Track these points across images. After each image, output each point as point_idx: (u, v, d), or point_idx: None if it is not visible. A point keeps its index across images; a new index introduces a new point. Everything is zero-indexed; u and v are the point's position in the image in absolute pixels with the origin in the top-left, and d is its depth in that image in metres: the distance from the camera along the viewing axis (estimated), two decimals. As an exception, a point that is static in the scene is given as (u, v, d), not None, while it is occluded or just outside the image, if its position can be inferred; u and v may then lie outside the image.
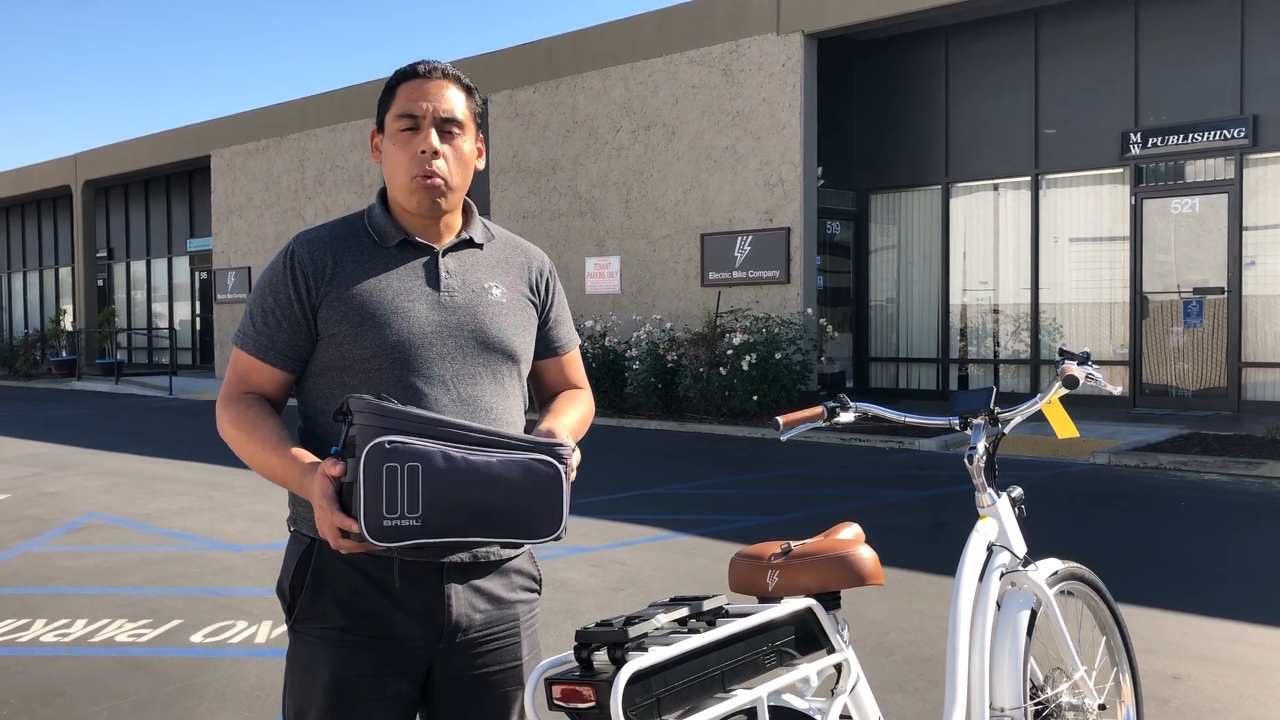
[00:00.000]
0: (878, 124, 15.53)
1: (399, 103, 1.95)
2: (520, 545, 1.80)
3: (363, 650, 1.88)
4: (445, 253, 2.00)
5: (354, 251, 1.96)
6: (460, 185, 1.98)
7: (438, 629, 1.91)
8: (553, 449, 1.80)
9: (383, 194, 2.04)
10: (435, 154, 1.93)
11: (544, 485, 1.77)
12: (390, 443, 1.66)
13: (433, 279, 1.97)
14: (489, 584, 1.97)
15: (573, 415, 2.07)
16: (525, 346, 2.05)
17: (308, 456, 1.83)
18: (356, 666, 1.87)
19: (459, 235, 2.03)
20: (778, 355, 13.02)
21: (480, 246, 2.05)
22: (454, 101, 1.96)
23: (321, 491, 1.71)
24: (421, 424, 1.71)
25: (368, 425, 1.68)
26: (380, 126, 2.00)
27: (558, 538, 1.80)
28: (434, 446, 1.70)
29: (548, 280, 2.14)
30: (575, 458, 1.86)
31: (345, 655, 1.87)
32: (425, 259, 1.98)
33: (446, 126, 1.95)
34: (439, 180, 1.94)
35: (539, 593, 2.09)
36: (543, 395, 2.18)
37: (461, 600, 1.93)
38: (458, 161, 1.96)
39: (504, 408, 1.99)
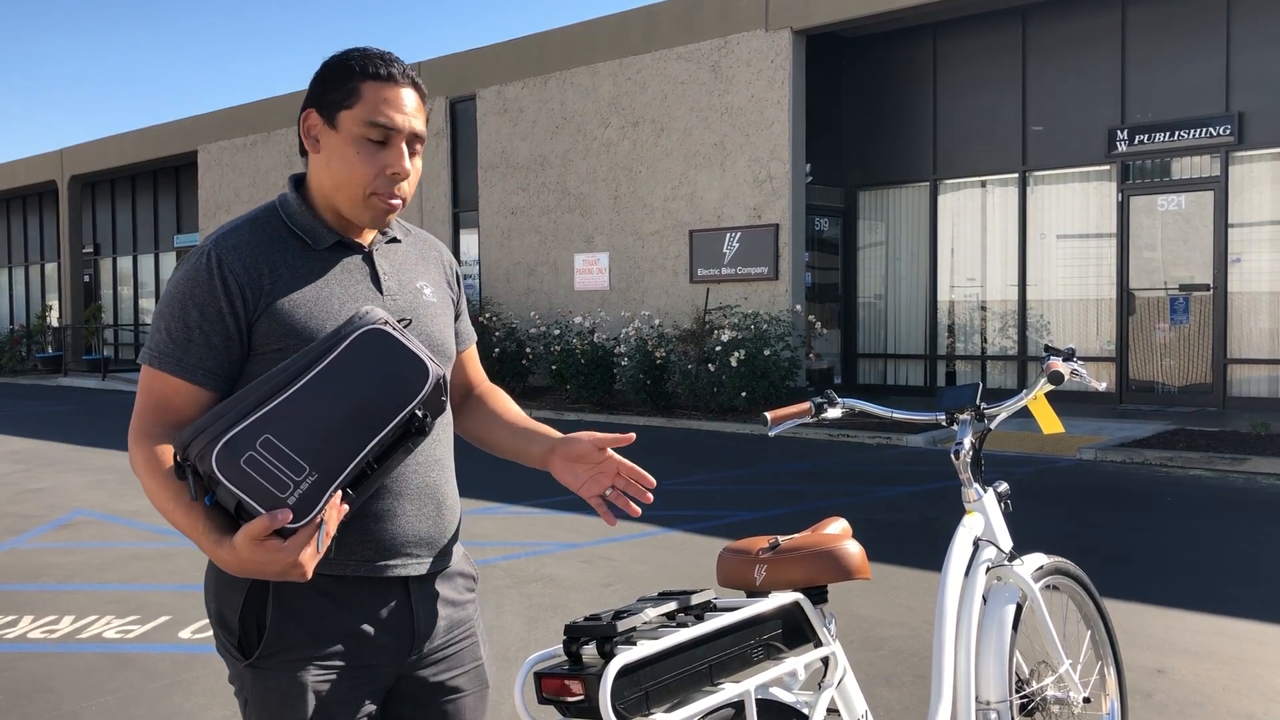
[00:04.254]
0: (866, 120, 15.55)
1: (367, 106, 1.78)
2: (412, 411, 1.67)
3: (338, 676, 1.79)
4: (375, 251, 1.89)
5: (285, 256, 1.79)
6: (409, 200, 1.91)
7: (408, 641, 1.86)
8: (352, 324, 1.69)
9: (297, 183, 1.88)
10: (406, 175, 1.82)
11: (381, 345, 1.68)
12: (227, 440, 1.57)
13: (375, 281, 1.86)
14: (442, 588, 1.92)
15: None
16: (453, 346, 2.00)
17: (215, 527, 1.63)
18: (334, 694, 1.78)
19: (382, 233, 1.91)
20: (766, 352, 13.04)
21: (400, 242, 1.97)
22: (421, 115, 1.84)
23: (250, 536, 1.56)
24: (239, 406, 1.61)
25: (203, 448, 1.57)
26: (327, 116, 1.80)
27: (432, 376, 1.69)
28: (264, 409, 1.60)
29: (456, 273, 2.08)
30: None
31: (321, 684, 1.77)
32: (360, 259, 1.86)
33: (413, 143, 1.83)
34: (399, 202, 1.84)
35: (474, 591, 2.05)
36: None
37: (426, 609, 1.88)
38: (415, 179, 1.87)
39: (447, 413, 1.94)
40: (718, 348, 13.27)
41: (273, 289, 1.77)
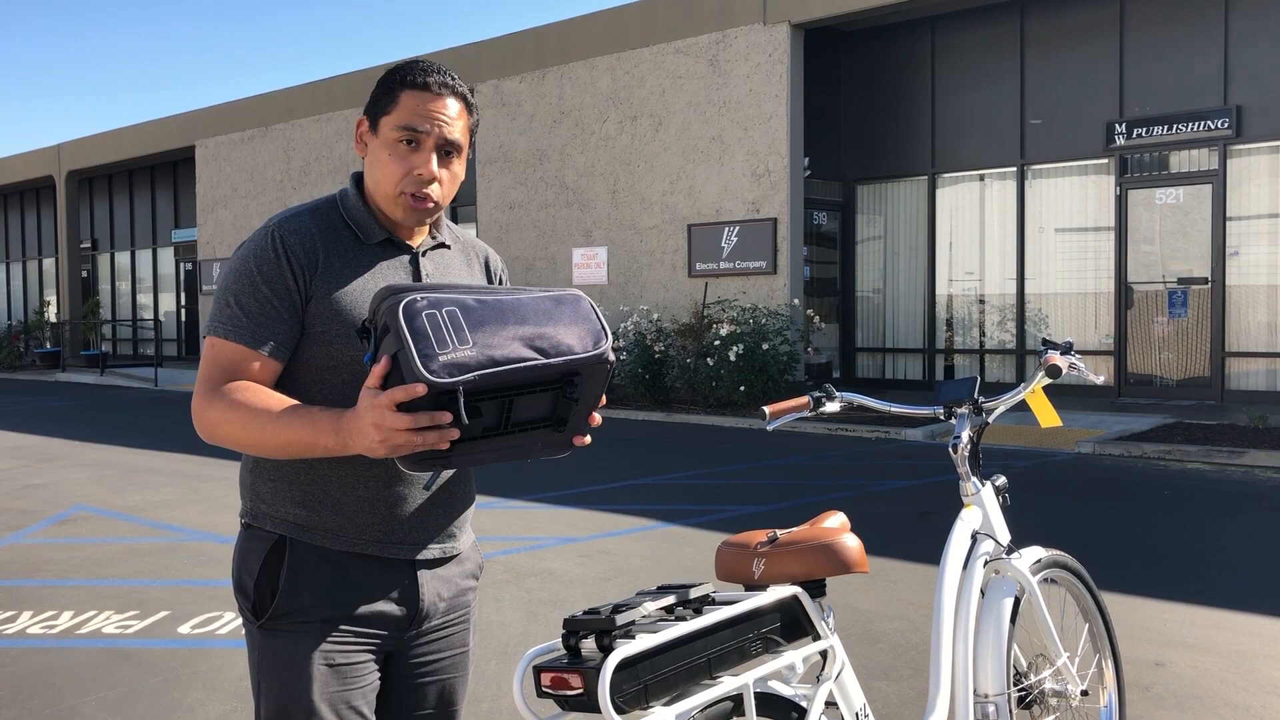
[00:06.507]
0: (864, 114, 15.55)
1: (402, 111, 1.89)
2: (578, 363, 1.73)
3: (346, 640, 1.87)
4: (423, 253, 1.99)
5: (339, 246, 1.91)
6: (447, 203, 1.99)
7: (410, 617, 1.93)
8: (566, 290, 1.82)
9: (358, 180, 2.00)
10: (432, 178, 1.90)
11: (576, 306, 1.78)
12: (423, 296, 1.64)
13: (416, 281, 1.96)
14: (448, 572, 1.99)
15: None
16: None
17: (336, 408, 1.73)
18: (340, 658, 1.87)
19: (431, 236, 2.03)
20: (764, 346, 13.04)
21: (448, 247, 2.06)
22: (457, 123, 1.92)
23: (371, 397, 1.60)
24: (440, 287, 1.69)
25: (392, 303, 1.63)
26: (372, 123, 1.93)
27: (608, 343, 1.78)
28: (464, 295, 1.68)
29: (501, 277, 2.16)
30: None
31: (331, 646, 1.86)
32: (407, 259, 1.97)
33: (446, 148, 1.92)
34: (432, 204, 1.93)
35: (478, 579, 2.12)
36: None
37: (430, 588, 1.96)
38: (450, 183, 1.95)
39: None
40: (716, 342, 13.27)
41: (325, 273, 1.88)
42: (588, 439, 1.81)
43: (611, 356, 1.79)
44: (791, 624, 2.12)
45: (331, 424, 1.70)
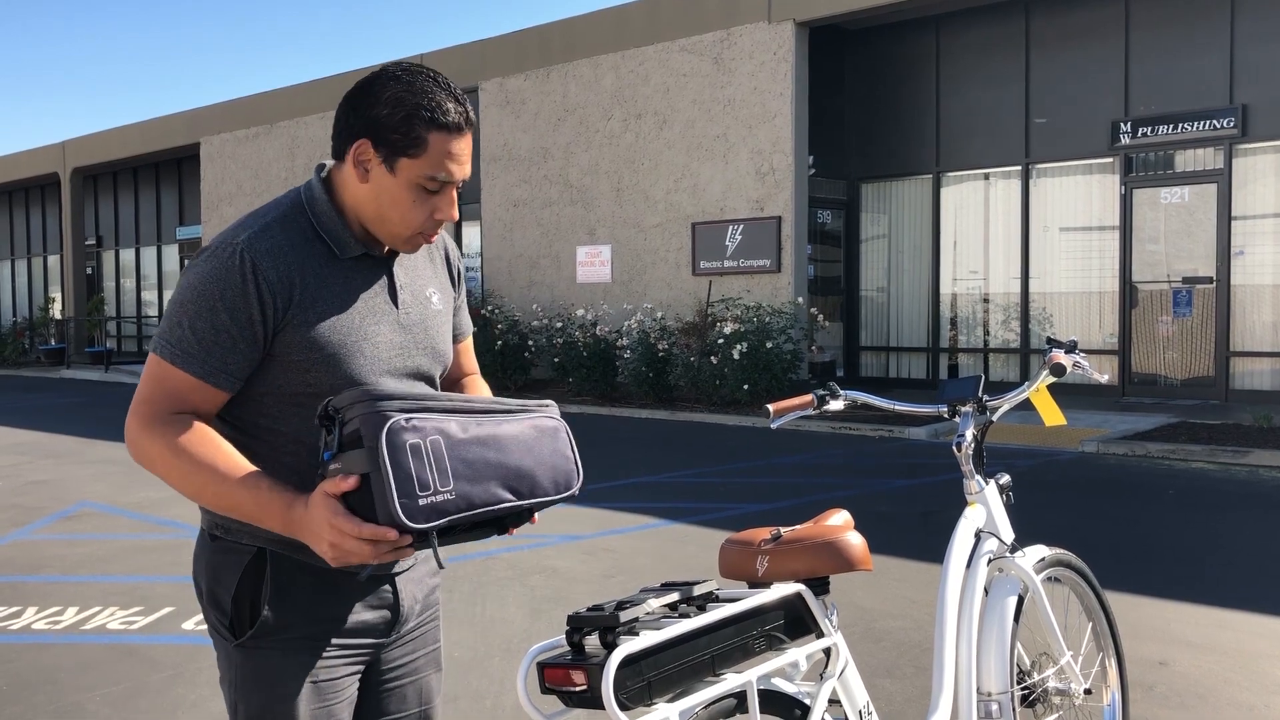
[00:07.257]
0: (869, 113, 15.53)
1: (432, 158, 1.77)
2: (551, 503, 1.74)
3: (329, 655, 1.83)
4: (395, 262, 1.92)
5: (314, 264, 1.79)
6: None
7: (391, 624, 1.92)
8: (545, 410, 1.79)
9: (324, 178, 1.86)
10: (452, 220, 1.87)
11: (555, 440, 1.76)
12: (408, 418, 1.56)
13: (392, 295, 1.89)
14: (418, 573, 1.98)
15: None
16: (450, 351, 2.03)
17: (286, 487, 1.66)
18: (324, 674, 1.82)
19: None
20: (768, 344, 13.03)
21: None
22: (470, 153, 1.84)
23: (331, 512, 1.57)
24: (422, 401, 1.61)
25: (371, 413, 1.56)
26: (384, 155, 1.78)
27: (579, 484, 1.79)
28: (447, 419, 1.62)
29: (459, 267, 2.10)
30: None
31: (312, 664, 1.81)
32: (380, 271, 1.88)
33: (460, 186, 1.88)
34: (436, 238, 1.90)
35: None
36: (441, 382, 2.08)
37: (408, 592, 1.94)
38: None
39: None
40: (720, 340, 13.27)
41: (301, 299, 1.77)
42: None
43: (578, 494, 1.80)
44: (795, 621, 2.12)
45: (280, 514, 1.65)
